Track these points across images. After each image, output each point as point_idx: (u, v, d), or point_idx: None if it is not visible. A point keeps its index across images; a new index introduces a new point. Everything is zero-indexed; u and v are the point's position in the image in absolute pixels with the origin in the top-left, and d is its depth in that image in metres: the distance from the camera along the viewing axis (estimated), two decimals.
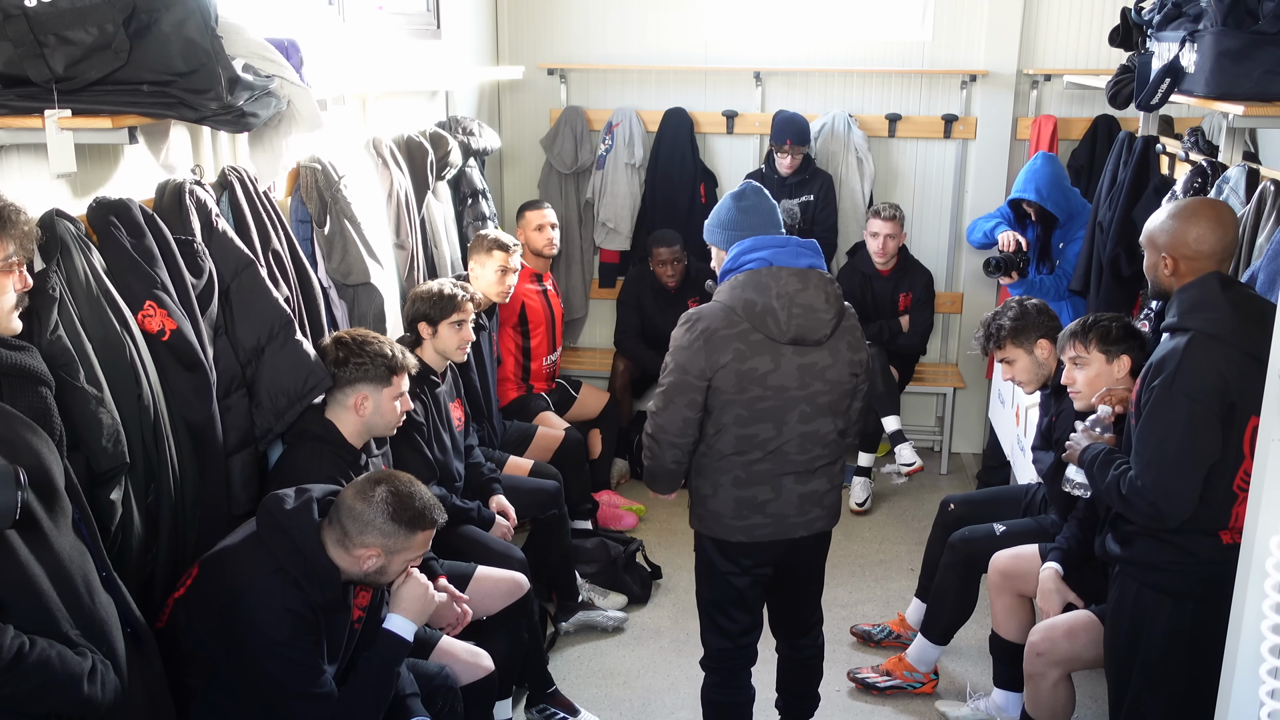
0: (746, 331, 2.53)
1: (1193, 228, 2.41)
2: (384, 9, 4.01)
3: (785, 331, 2.52)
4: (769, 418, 2.57)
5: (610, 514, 4.61)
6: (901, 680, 3.51)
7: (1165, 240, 2.45)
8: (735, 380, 2.53)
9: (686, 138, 5.30)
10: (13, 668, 1.60)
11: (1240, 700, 1.83)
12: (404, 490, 2.27)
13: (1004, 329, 3.26)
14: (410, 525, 2.25)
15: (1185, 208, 2.50)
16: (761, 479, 2.62)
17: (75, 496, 1.85)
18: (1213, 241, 2.40)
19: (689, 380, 2.55)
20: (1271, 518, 1.75)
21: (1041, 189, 4.40)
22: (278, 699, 2.21)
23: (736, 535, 2.66)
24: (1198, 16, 2.79)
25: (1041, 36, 5.07)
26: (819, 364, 2.57)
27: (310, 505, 2.27)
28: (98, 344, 2.12)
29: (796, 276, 2.54)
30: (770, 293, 2.52)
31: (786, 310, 2.52)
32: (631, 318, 5.08)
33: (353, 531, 2.22)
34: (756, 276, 2.54)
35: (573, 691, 3.45)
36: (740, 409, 2.56)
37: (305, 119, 2.56)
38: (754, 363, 2.53)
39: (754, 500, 2.63)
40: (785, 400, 2.56)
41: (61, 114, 2.03)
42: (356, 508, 2.23)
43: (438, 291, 3.37)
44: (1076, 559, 3.03)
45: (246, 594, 2.16)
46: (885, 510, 4.91)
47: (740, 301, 2.54)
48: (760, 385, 2.54)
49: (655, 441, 2.65)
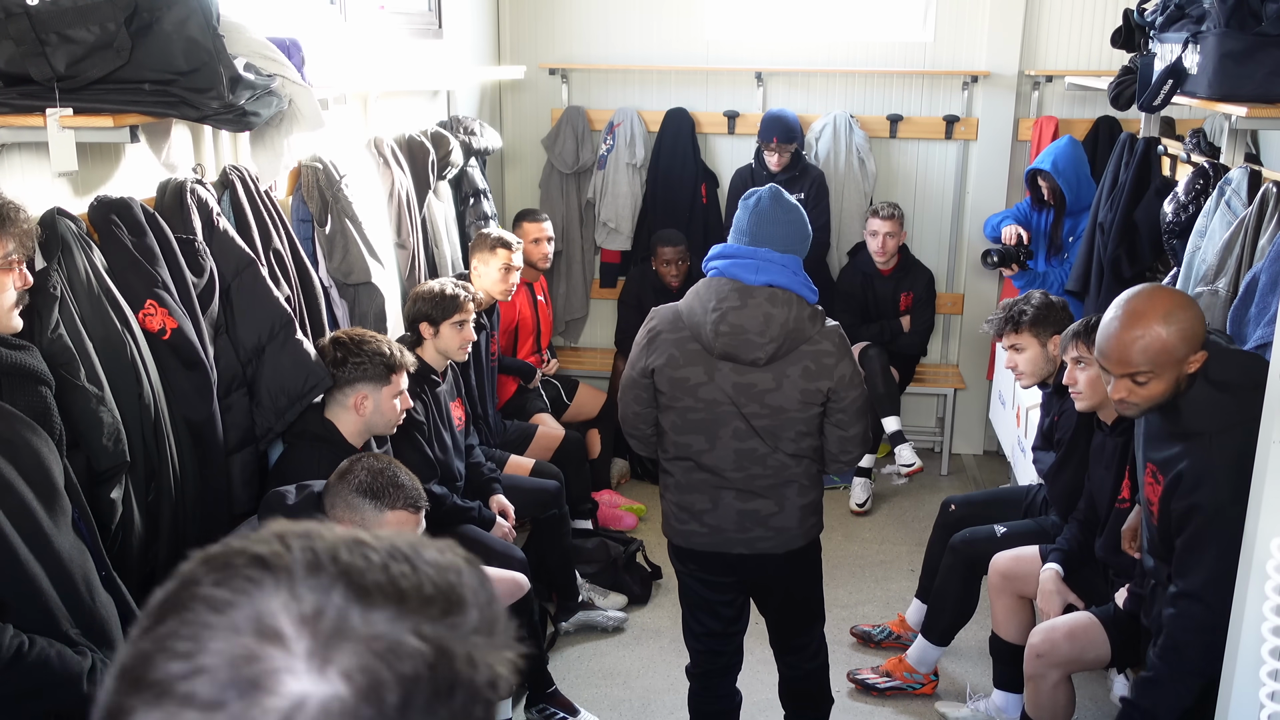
0: (686, 339, 2.50)
1: (1177, 309, 2.14)
2: (385, 8, 4.01)
3: (713, 347, 2.47)
4: (700, 429, 2.52)
5: (610, 514, 4.61)
6: (901, 681, 3.51)
7: (1179, 340, 2.11)
8: (669, 386, 2.52)
9: (688, 138, 5.30)
10: (12, 666, 1.60)
11: (1240, 701, 1.83)
12: (380, 468, 2.24)
13: (1025, 314, 3.22)
14: (376, 499, 2.20)
15: (1141, 307, 2.16)
16: (699, 488, 2.58)
17: (75, 495, 1.85)
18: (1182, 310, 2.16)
19: (633, 375, 2.59)
20: (1272, 519, 1.75)
21: (1059, 163, 4.42)
22: None
23: (677, 539, 2.66)
24: (1200, 18, 2.79)
25: (1043, 37, 5.07)
26: (758, 385, 2.47)
27: (312, 499, 2.27)
28: (98, 343, 2.12)
29: (738, 292, 2.44)
30: (707, 304, 2.47)
31: (714, 326, 2.44)
32: (633, 318, 5.07)
33: (327, 508, 2.22)
34: (706, 285, 2.51)
35: (573, 691, 3.45)
36: (674, 416, 2.55)
37: (307, 118, 2.57)
38: (686, 371, 2.50)
39: (692, 507, 2.60)
40: (718, 414, 2.50)
41: (63, 112, 2.03)
42: (334, 484, 2.24)
43: (439, 291, 3.37)
44: (1077, 560, 3.03)
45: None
46: (885, 511, 4.91)
47: (686, 307, 2.53)
48: (691, 395, 2.50)
49: (626, 423, 2.69)
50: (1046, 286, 4.43)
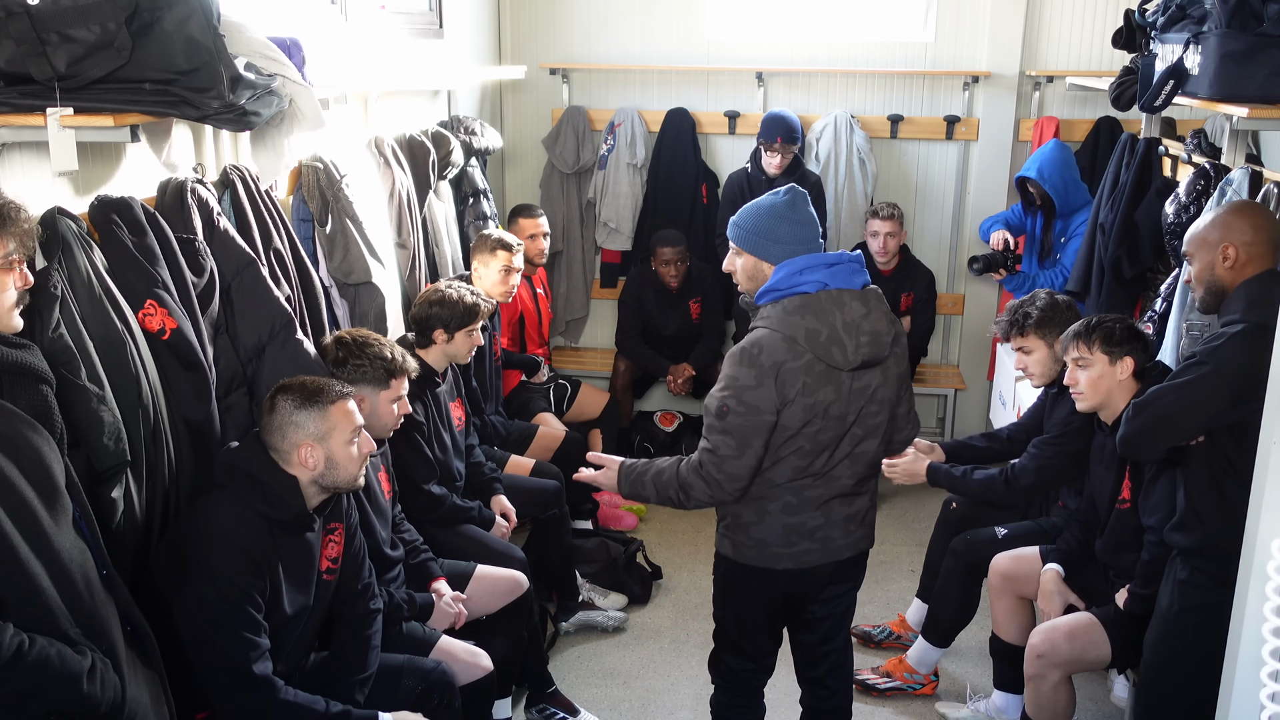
0: (811, 363, 2.36)
1: (1246, 219, 2.48)
2: (386, 8, 4.01)
3: (853, 360, 2.38)
4: (827, 447, 2.44)
5: (610, 514, 4.61)
6: (901, 681, 3.50)
7: (1222, 233, 2.49)
8: (802, 414, 2.38)
9: (688, 138, 5.30)
10: (12, 666, 1.60)
11: (1240, 701, 1.83)
12: (295, 383, 2.34)
13: (1030, 317, 3.20)
14: (315, 402, 2.31)
15: (1231, 205, 2.57)
16: (812, 505, 2.49)
17: (76, 494, 1.85)
18: (1270, 229, 2.46)
19: (764, 419, 2.37)
20: (1272, 520, 1.75)
21: (1044, 170, 4.45)
22: (210, 658, 2.16)
23: (784, 563, 2.52)
24: (1202, 18, 2.78)
25: (1044, 38, 5.07)
26: (871, 385, 2.45)
27: (254, 437, 2.34)
28: (99, 342, 2.12)
29: (859, 300, 2.40)
30: (835, 320, 2.36)
31: (854, 339, 2.38)
32: (633, 318, 5.08)
33: (278, 442, 2.29)
34: (815, 302, 2.37)
35: (573, 691, 3.45)
36: (802, 441, 2.41)
37: (307, 118, 2.56)
38: (820, 395, 2.38)
39: (804, 526, 2.49)
40: (844, 427, 2.44)
41: (63, 112, 2.02)
42: (268, 422, 2.31)
43: (458, 299, 3.32)
44: (1077, 561, 3.03)
45: (204, 526, 2.21)
46: (885, 511, 4.90)
47: (801, 330, 2.36)
48: (824, 417, 2.40)
49: (719, 488, 2.43)
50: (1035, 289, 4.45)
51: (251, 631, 2.18)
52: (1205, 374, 2.36)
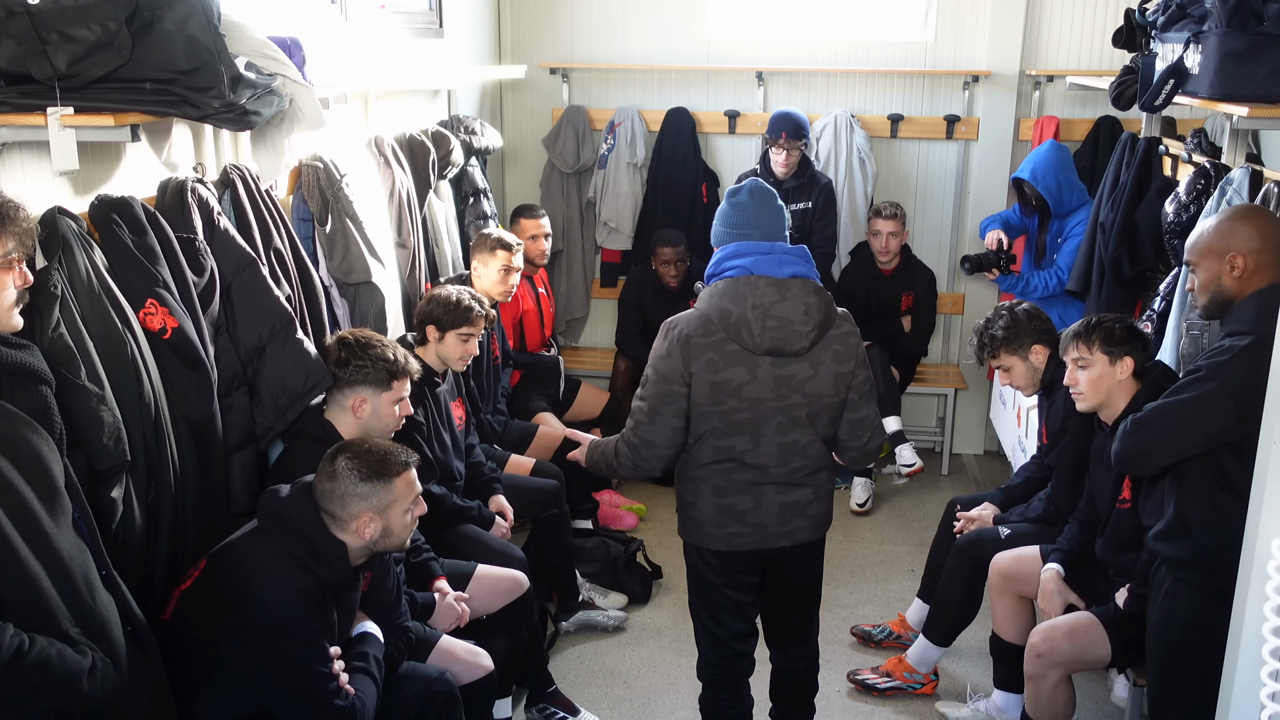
0: (722, 341, 2.49)
1: (1252, 225, 2.42)
2: (386, 8, 4.01)
3: (760, 344, 2.48)
4: (745, 430, 2.53)
5: (610, 514, 4.61)
6: (901, 681, 3.50)
7: (1228, 241, 2.42)
8: (709, 391, 2.50)
9: (689, 137, 5.30)
10: (12, 665, 1.60)
11: (1240, 701, 1.83)
12: (361, 450, 2.31)
13: (997, 339, 3.24)
14: (382, 476, 2.28)
15: (1235, 212, 2.51)
16: (741, 488, 2.58)
17: (75, 494, 1.85)
18: (1276, 235, 2.41)
19: (673, 389, 2.52)
20: (1272, 520, 1.75)
21: (1037, 171, 4.45)
22: (289, 692, 2.19)
23: (716, 543, 2.63)
24: (1202, 18, 2.78)
25: (1044, 37, 5.07)
26: (797, 376, 2.52)
27: (306, 491, 2.31)
28: (99, 342, 2.12)
29: (775, 287, 2.49)
30: (746, 303, 2.47)
31: (760, 322, 2.47)
32: (633, 317, 5.08)
33: (338, 510, 2.26)
34: (734, 285, 2.50)
35: (573, 691, 3.45)
36: (716, 421, 2.52)
37: (307, 117, 2.56)
38: (728, 374, 2.49)
39: (733, 509, 2.59)
40: (761, 412, 2.52)
41: (64, 111, 2.03)
42: (328, 488, 2.27)
43: (454, 300, 3.33)
44: (1078, 560, 3.03)
45: (257, 578, 2.18)
46: (886, 511, 4.91)
47: (716, 310, 2.50)
48: (735, 397, 2.50)
49: (638, 454, 2.59)
50: (1028, 290, 4.48)
51: (325, 657, 2.21)
52: (1210, 391, 2.32)
